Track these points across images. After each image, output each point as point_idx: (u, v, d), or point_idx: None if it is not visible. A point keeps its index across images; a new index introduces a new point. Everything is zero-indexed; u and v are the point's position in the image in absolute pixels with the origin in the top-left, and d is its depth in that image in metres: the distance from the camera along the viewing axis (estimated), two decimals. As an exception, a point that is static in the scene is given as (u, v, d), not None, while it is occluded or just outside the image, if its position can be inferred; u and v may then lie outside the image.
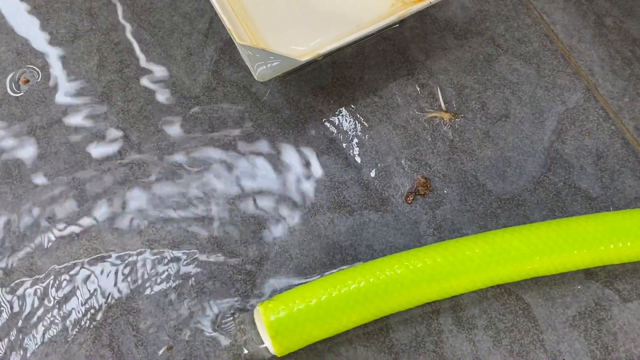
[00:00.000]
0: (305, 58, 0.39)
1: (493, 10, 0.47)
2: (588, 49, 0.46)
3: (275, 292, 0.37)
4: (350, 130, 0.42)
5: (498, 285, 0.38)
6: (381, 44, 0.45)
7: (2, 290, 0.37)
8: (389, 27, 0.43)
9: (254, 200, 0.40)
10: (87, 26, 0.45)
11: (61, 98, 0.42)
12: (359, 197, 0.40)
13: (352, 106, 0.43)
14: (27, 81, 0.43)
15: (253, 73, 0.38)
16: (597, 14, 0.47)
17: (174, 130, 0.42)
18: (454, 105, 0.43)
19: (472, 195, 0.41)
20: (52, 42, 0.44)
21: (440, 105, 0.43)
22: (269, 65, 0.39)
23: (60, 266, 0.38)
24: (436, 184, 0.41)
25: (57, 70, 0.43)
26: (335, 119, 0.43)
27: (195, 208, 0.40)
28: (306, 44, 0.42)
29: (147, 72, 0.43)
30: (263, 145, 0.42)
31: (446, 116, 0.43)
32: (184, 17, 0.45)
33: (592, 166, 0.42)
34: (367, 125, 0.43)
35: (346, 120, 0.43)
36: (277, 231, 0.39)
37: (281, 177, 0.41)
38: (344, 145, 0.42)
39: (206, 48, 0.44)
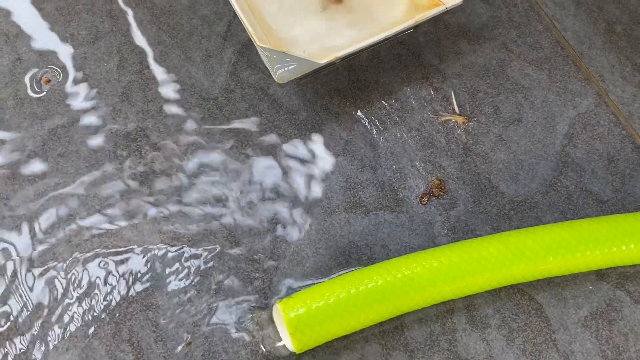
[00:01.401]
0: (323, 60, 0.39)
1: (505, 17, 0.47)
2: (599, 55, 0.47)
3: (292, 291, 0.38)
4: (365, 132, 0.43)
5: (511, 285, 0.38)
6: (396, 48, 0.46)
7: (25, 284, 0.37)
8: (404, 31, 0.43)
9: (271, 200, 0.41)
10: (107, 28, 0.46)
11: (82, 98, 0.43)
12: (375, 197, 0.41)
13: (368, 109, 0.44)
14: (49, 81, 0.43)
15: (273, 75, 0.39)
16: (607, 21, 0.48)
17: (193, 130, 0.43)
18: (468, 109, 0.44)
19: (486, 197, 0.41)
20: (73, 43, 0.45)
21: (454, 109, 0.44)
22: (288, 67, 0.39)
23: (82, 259, 0.38)
24: (450, 186, 0.42)
25: (78, 70, 0.44)
26: (351, 121, 0.43)
27: (213, 207, 0.40)
28: (324, 48, 0.43)
29: (166, 73, 0.44)
30: (280, 146, 0.42)
31: (460, 119, 0.44)
32: (202, 19, 0.46)
33: (603, 170, 0.43)
34: (382, 128, 0.43)
35: (362, 122, 0.43)
36: (293, 230, 0.40)
37: (298, 178, 0.41)
38: (360, 146, 0.43)
39: (224, 50, 0.45)
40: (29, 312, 0.37)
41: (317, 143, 0.43)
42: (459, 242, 0.38)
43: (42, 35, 0.45)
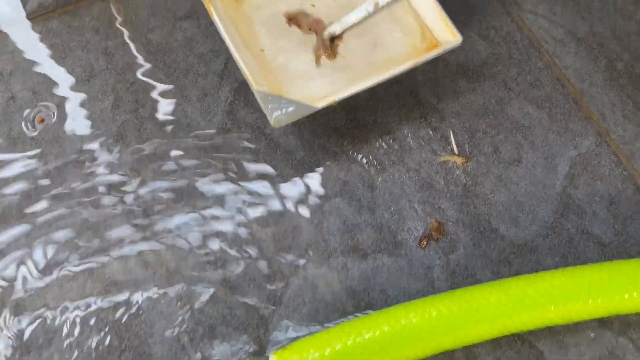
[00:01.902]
0: (321, 105, 0.39)
1: (505, 54, 0.47)
2: (599, 93, 0.46)
3: (288, 339, 0.37)
4: (363, 172, 0.43)
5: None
6: (394, 86, 0.45)
7: (11, 330, 0.37)
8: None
9: (267, 243, 0.40)
10: (102, 65, 0.45)
11: (76, 138, 0.43)
12: (373, 240, 0.40)
13: (366, 148, 0.43)
14: (42, 120, 0.43)
15: (269, 118, 0.38)
16: (608, 58, 0.48)
17: (189, 170, 0.42)
18: (467, 149, 0.44)
19: (486, 240, 0.41)
20: (67, 81, 0.44)
21: (452, 149, 0.44)
22: (284, 110, 0.39)
23: (72, 305, 0.38)
24: (449, 228, 0.41)
25: (72, 109, 0.43)
26: (349, 161, 0.43)
27: (208, 249, 0.40)
28: (321, 87, 0.43)
29: (162, 112, 0.44)
30: (277, 187, 0.42)
31: (459, 160, 0.43)
32: (199, 57, 0.46)
33: (604, 212, 0.42)
34: (380, 168, 0.43)
35: (359, 162, 0.43)
36: (290, 275, 0.39)
37: (294, 220, 0.41)
38: (358, 187, 0.42)
39: (221, 89, 0.45)
40: (18, 362, 0.36)
41: (314, 183, 0.42)
42: (459, 290, 0.37)
43: (36, 73, 0.45)
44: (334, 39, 0.43)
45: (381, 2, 0.38)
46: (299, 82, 0.43)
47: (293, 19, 0.44)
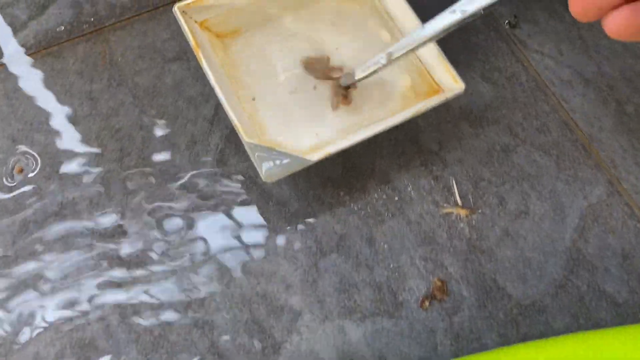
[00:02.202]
0: (315, 158, 0.37)
1: (510, 97, 0.45)
2: (609, 138, 0.44)
3: (281, 412, 0.35)
4: (361, 225, 0.40)
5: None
6: (393, 132, 0.43)
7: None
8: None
9: (257, 305, 0.37)
10: (86, 111, 0.43)
11: (57, 189, 0.40)
12: (371, 301, 0.38)
13: (364, 199, 0.41)
14: (22, 170, 0.41)
15: (260, 173, 0.36)
16: (617, 101, 0.45)
17: (175, 224, 0.40)
18: (471, 200, 0.41)
19: (491, 300, 0.38)
20: (49, 128, 0.42)
21: (456, 200, 0.41)
22: (277, 163, 0.37)
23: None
24: (453, 287, 0.39)
25: (53, 158, 0.41)
26: (346, 213, 0.40)
27: (195, 312, 0.37)
28: (316, 136, 0.40)
29: (148, 161, 0.41)
30: (269, 242, 0.39)
31: (463, 212, 0.41)
32: (188, 102, 0.43)
33: (617, 268, 0.40)
34: (379, 220, 0.40)
35: (357, 214, 0.40)
36: (282, 341, 0.37)
37: (287, 278, 0.38)
38: (355, 241, 0.40)
39: (211, 135, 0.42)
40: None
41: (309, 238, 0.40)
42: (463, 358, 0.35)
43: (15, 120, 0.42)
44: (348, 86, 0.41)
45: (395, 53, 0.36)
46: (292, 132, 0.40)
47: (310, 65, 0.42)
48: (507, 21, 0.48)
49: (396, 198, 0.41)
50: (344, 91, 0.41)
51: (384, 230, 0.40)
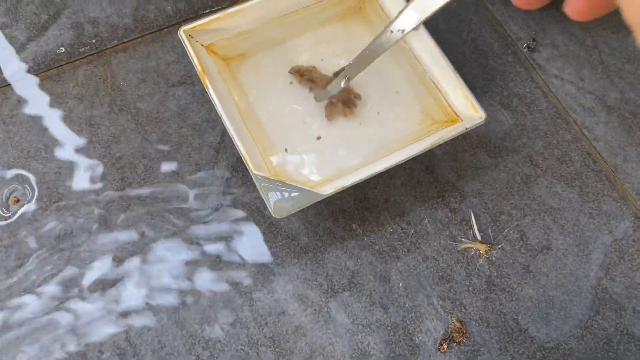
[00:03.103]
0: (327, 192, 0.35)
1: (530, 125, 0.43)
2: (635, 169, 0.42)
3: None
4: (375, 261, 0.38)
5: None
6: (408, 162, 0.41)
7: None
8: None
9: (265, 348, 0.35)
10: (86, 138, 0.41)
11: (54, 221, 0.38)
12: (386, 344, 0.36)
13: (377, 233, 0.39)
14: (18, 201, 0.39)
15: (269, 208, 0.34)
16: (642, 130, 0.43)
17: (180, 258, 0.38)
18: (490, 234, 0.39)
19: (513, 343, 0.36)
20: (46, 156, 0.40)
21: (474, 234, 0.39)
22: (286, 197, 0.34)
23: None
24: (472, 329, 0.36)
25: (51, 188, 0.39)
26: (358, 248, 0.38)
27: (199, 354, 0.35)
28: (328, 168, 0.38)
29: (151, 191, 0.39)
30: (277, 279, 0.37)
31: (482, 247, 0.39)
32: (193, 129, 0.41)
33: (645, 308, 0.37)
34: (394, 256, 0.38)
35: (370, 248, 0.38)
36: (292, 385, 0.34)
37: (296, 318, 0.36)
38: (369, 279, 0.37)
39: (217, 164, 0.40)
40: None
41: (319, 274, 0.38)
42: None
43: (12, 146, 0.40)
44: (350, 98, 0.39)
45: (396, 27, 0.33)
46: (304, 161, 0.38)
47: (305, 75, 0.40)
48: (525, 45, 0.46)
49: (411, 232, 0.39)
50: (341, 102, 0.39)
51: (399, 267, 0.38)
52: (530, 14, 0.47)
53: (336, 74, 0.40)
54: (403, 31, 0.31)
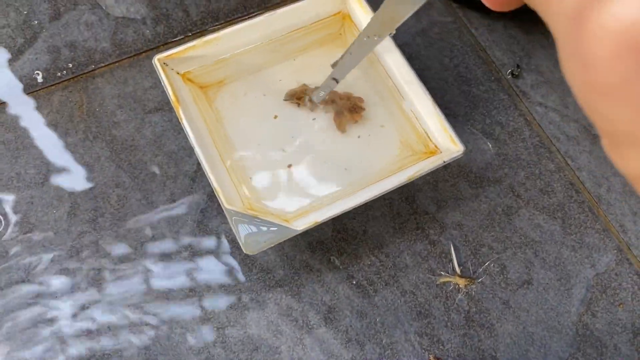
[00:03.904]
0: (301, 227, 0.34)
1: (512, 154, 0.42)
2: (618, 200, 0.41)
3: None
4: (352, 295, 0.37)
5: None
6: (387, 192, 0.40)
7: None
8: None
9: (239, 386, 0.34)
10: (59, 166, 0.40)
11: (24, 253, 0.37)
12: (361, 382, 0.35)
13: (355, 265, 0.38)
14: (-12, 231, 0.38)
15: (240, 242, 0.33)
16: (626, 159, 0.42)
17: (152, 294, 0.37)
18: (470, 268, 0.38)
19: (491, 382, 0.35)
20: (18, 185, 0.39)
21: (454, 268, 0.38)
22: (259, 231, 0.34)
23: None
24: (450, 366, 0.36)
25: (21, 218, 0.38)
26: (335, 281, 0.37)
27: (170, 392, 0.34)
28: (305, 198, 0.37)
29: (123, 222, 0.38)
30: (251, 313, 0.36)
31: (461, 282, 0.38)
32: (168, 156, 0.41)
33: (627, 345, 0.37)
34: (371, 290, 0.37)
35: (348, 282, 0.38)
36: None
37: (271, 356, 0.35)
38: (345, 314, 0.37)
39: (193, 194, 0.40)
40: None
41: (295, 309, 0.37)
42: None
43: (-17, 176, 0.40)
44: (355, 104, 0.39)
45: (370, 33, 0.32)
46: (279, 190, 0.38)
47: (302, 96, 0.40)
48: (509, 71, 0.45)
49: (390, 264, 0.38)
50: (347, 110, 0.39)
51: (377, 302, 0.37)
52: (515, 39, 0.46)
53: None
54: (379, 36, 0.31)
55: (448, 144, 0.37)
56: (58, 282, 0.37)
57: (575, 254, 0.39)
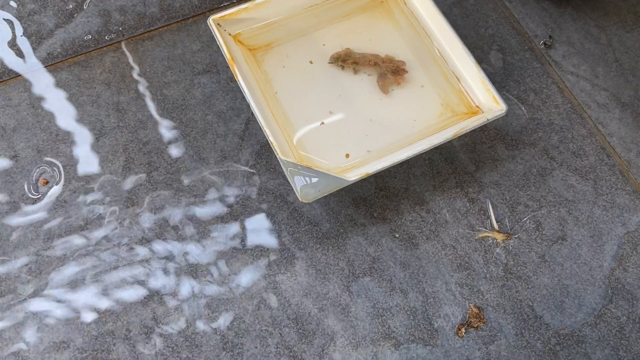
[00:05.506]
0: (353, 178, 0.36)
1: (546, 120, 0.44)
2: (647, 164, 0.43)
3: None
4: (395, 247, 0.39)
5: None
6: (427, 152, 0.42)
7: None
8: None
9: (289, 329, 0.36)
10: (113, 123, 0.42)
11: (82, 203, 0.39)
12: (406, 327, 0.37)
13: (397, 220, 0.40)
14: (47, 182, 0.39)
15: (296, 192, 0.35)
16: (655, 126, 0.45)
17: (203, 244, 0.38)
18: (507, 224, 0.40)
19: (529, 329, 0.37)
20: (75, 139, 0.41)
21: (492, 224, 0.40)
22: (312, 182, 0.35)
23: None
24: (489, 315, 0.37)
25: (79, 170, 0.40)
26: (379, 235, 0.39)
27: (223, 334, 0.36)
28: (352, 155, 0.39)
29: (176, 176, 0.40)
30: (299, 263, 0.38)
31: (499, 237, 0.40)
32: (218, 116, 0.42)
33: (657, 298, 0.38)
34: (413, 243, 0.39)
35: (390, 235, 0.39)
36: (315, 365, 0.35)
37: (318, 301, 0.37)
38: (389, 265, 0.38)
39: (242, 151, 0.41)
40: None
41: (340, 259, 0.39)
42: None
43: (41, 130, 0.41)
44: (398, 66, 0.41)
45: None
46: (327, 146, 0.39)
47: (346, 59, 0.41)
48: (542, 41, 0.47)
49: (431, 220, 0.40)
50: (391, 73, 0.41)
51: (419, 254, 0.39)
52: (547, 11, 0.48)
53: None
54: None
55: (491, 104, 0.38)
56: (112, 230, 0.38)
57: (606, 213, 0.41)
